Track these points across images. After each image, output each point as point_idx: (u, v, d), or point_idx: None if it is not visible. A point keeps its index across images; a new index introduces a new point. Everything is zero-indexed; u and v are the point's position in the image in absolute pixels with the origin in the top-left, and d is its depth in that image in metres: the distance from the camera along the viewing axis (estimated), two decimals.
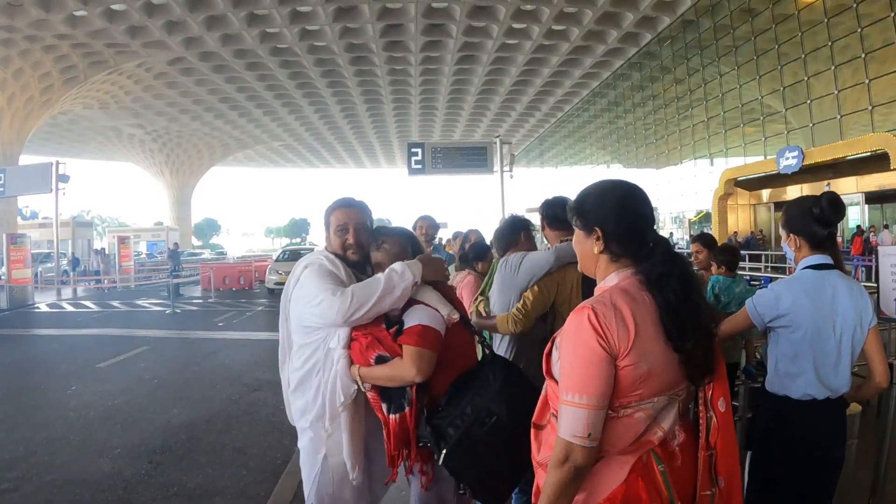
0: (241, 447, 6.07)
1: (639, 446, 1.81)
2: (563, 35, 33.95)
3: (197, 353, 11.69)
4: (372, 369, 2.64)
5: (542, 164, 65.54)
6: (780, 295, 2.67)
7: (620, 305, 1.77)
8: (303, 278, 2.81)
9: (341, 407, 2.74)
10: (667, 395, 1.83)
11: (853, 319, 2.61)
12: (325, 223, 3.03)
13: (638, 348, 1.74)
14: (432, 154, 19.25)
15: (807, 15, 25.26)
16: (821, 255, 2.70)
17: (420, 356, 2.54)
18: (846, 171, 23.58)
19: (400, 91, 44.67)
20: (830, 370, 2.61)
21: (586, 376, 1.72)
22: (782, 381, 2.69)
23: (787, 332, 2.65)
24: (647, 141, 41.32)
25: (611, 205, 1.93)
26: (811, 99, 25.66)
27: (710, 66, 32.52)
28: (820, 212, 2.65)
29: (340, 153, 72.46)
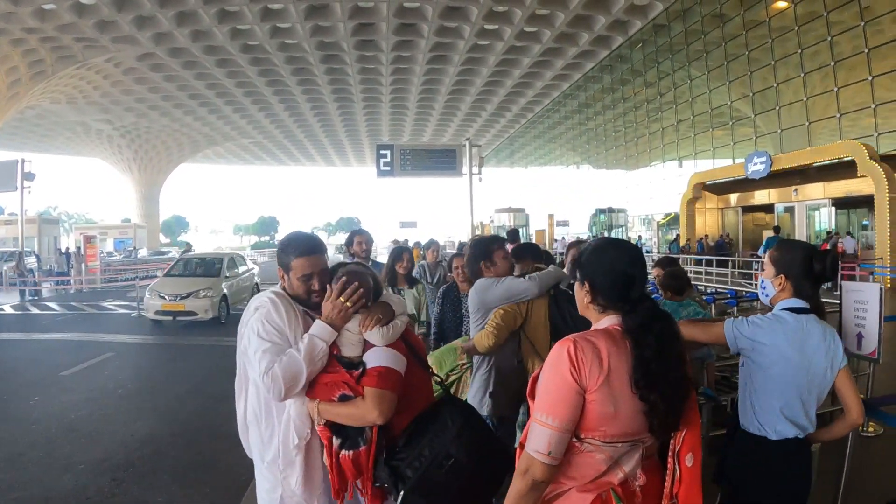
0: (205, 463, 5.93)
1: (598, 485, 1.95)
2: (534, 37, 33.83)
3: (162, 360, 11.41)
4: (332, 406, 2.59)
5: (511, 164, 65.67)
6: (762, 329, 2.63)
7: (600, 345, 1.94)
8: (249, 329, 2.69)
9: (295, 449, 2.68)
10: (629, 443, 1.96)
11: (824, 363, 2.62)
12: (282, 265, 2.86)
13: (607, 388, 1.90)
14: (401, 156, 19.00)
15: (778, 21, 25.34)
16: (801, 301, 2.68)
17: (382, 398, 2.48)
18: (814, 177, 23.67)
19: (371, 90, 44.32)
20: (802, 411, 2.63)
21: (557, 401, 1.91)
22: (758, 421, 2.67)
23: (760, 368, 2.64)
24: (616, 143, 41.46)
25: (601, 262, 2.11)
26: (780, 105, 25.77)
27: (680, 70, 32.62)
28: (821, 270, 2.65)
29: (310, 151, 71.97)
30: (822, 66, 23.28)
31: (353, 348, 2.64)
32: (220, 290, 15.44)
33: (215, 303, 14.95)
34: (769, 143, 26.42)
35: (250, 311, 2.74)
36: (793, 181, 24.52)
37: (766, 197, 27.27)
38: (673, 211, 33.59)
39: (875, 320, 4.29)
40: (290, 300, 2.78)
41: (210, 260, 17.69)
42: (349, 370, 2.60)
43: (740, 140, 29.00)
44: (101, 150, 58.48)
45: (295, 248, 2.83)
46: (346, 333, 2.65)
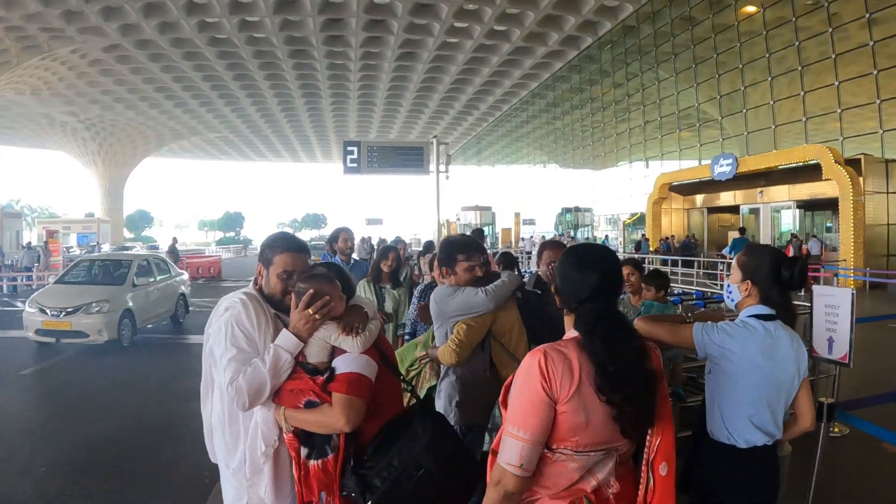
0: (169, 464, 5.82)
1: (571, 493, 1.95)
2: (504, 36, 33.75)
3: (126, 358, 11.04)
4: (299, 413, 2.52)
5: (478, 162, 65.71)
6: (732, 337, 2.58)
7: (571, 355, 1.94)
8: (216, 331, 2.61)
9: (263, 457, 2.61)
10: (603, 451, 1.96)
11: (792, 370, 2.61)
12: (264, 259, 2.79)
13: (578, 398, 1.89)
14: (368, 153, 18.61)
15: (746, 26, 25.61)
16: (767, 307, 2.64)
17: (350, 405, 2.42)
18: (779, 179, 23.88)
19: (339, 86, 43.91)
20: (771, 418, 2.60)
21: (527, 413, 1.91)
22: (727, 429, 2.62)
23: (729, 377, 2.58)
24: (584, 143, 41.62)
25: (560, 266, 2.17)
26: (747, 108, 26.05)
27: (648, 71, 32.81)
28: (789, 277, 2.62)
29: (277, 147, 71.26)
30: (789, 70, 23.56)
31: (318, 355, 2.57)
32: (121, 304, 11.81)
33: (113, 321, 11.36)
34: (735, 146, 26.68)
35: (219, 312, 2.66)
36: (758, 183, 24.73)
37: (731, 198, 27.48)
38: (639, 211, 33.73)
39: (846, 325, 4.30)
40: (262, 301, 2.71)
41: (116, 263, 13.87)
42: (313, 376, 2.52)
43: (707, 142, 29.25)
44: (65, 143, 57.13)
45: (282, 244, 2.78)
46: (313, 340, 2.57)
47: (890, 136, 20.26)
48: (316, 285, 2.59)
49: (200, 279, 26.61)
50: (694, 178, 27.48)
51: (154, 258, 14.94)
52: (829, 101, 21.98)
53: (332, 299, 2.58)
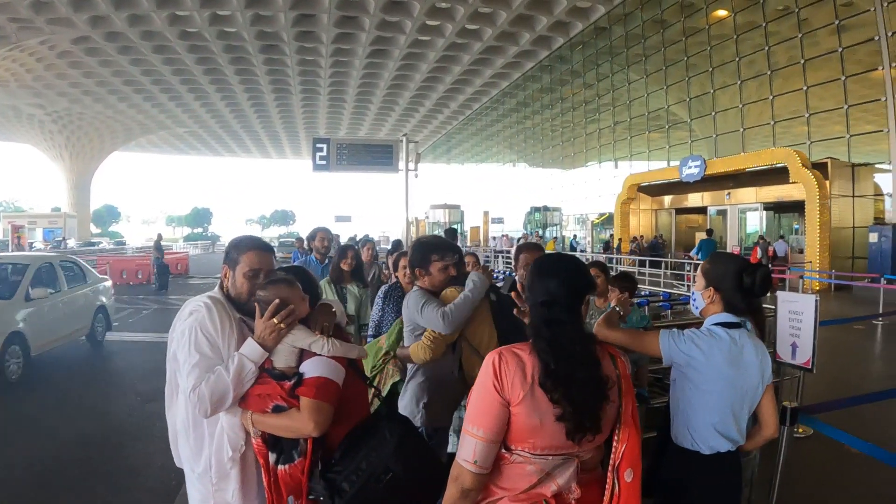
0: (135, 466, 5.69)
1: (531, 496, 1.99)
2: (476, 35, 33.64)
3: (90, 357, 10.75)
4: (266, 417, 2.51)
5: (448, 160, 65.61)
6: (699, 346, 2.59)
7: (526, 358, 2.02)
8: (180, 335, 2.59)
9: (230, 462, 2.59)
10: (561, 456, 2.01)
11: (756, 378, 2.63)
12: (230, 260, 2.78)
13: (531, 400, 1.97)
14: (338, 150, 18.57)
15: (717, 30, 25.77)
16: (731, 315, 2.68)
17: (319, 409, 2.41)
18: (746, 181, 24.05)
19: (309, 83, 43.51)
20: (734, 425, 2.62)
21: (482, 412, 1.99)
22: (691, 435, 2.64)
23: (694, 385, 2.61)
24: (553, 142, 41.69)
25: (527, 274, 2.29)
26: (716, 110, 26.21)
27: (619, 72, 32.91)
28: (751, 284, 2.65)
29: (246, 142, 70.42)
30: (759, 74, 23.74)
31: (286, 360, 2.54)
32: (8, 325, 8.67)
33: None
34: (704, 148, 26.84)
35: (183, 316, 2.63)
36: (726, 185, 24.90)
37: (699, 200, 27.64)
38: (607, 211, 33.80)
39: (809, 331, 4.35)
40: (227, 305, 2.69)
41: (10, 268, 10.02)
42: (280, 381, 2.50)
43: (676, 143, 29.38)
44: (31, 136, 55.88)
45: (248, 242, 2.79)
46: (281, 345, 2.55)
47: (856, 141, 20.46)
48: (278, 292, 2.57)
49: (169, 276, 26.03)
50: (662, 179, 27.59)
51: (63, 261, 11.38)
52: (798, 105, 22.20)
53: (294, 304, 2.56)
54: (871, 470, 5.11)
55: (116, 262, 25.77)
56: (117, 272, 23.94)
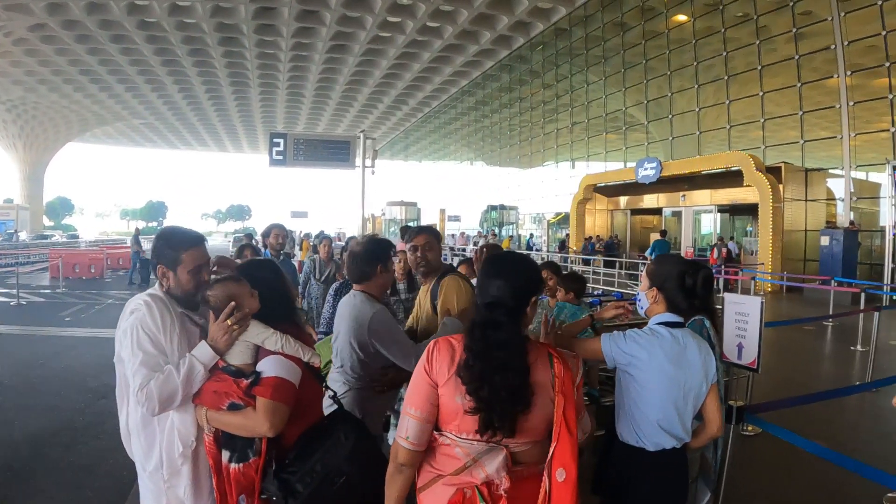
0: (87, 465, 5.50)
1: (460, 480, 2.08)
2: (436, 32, 33.41)
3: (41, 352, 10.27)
4: (222, 415, 2.49)
5: (406, 157, 65.28)
6: (640, 344, 2.65)
7: (457, 347, 2.14)
8: (124, 333, 2.55)
9: (181, 458, 2.58)
10: (486, 443, 2.09)
11: (700, 376, 2.67)
12: (168, 260, 2.69)
13: (454, 383, 2.08)
14: (294, 145, 18.36)
15: (676, 34, 25.95)
16: (674, 315, 2.75)
17: (275, 410, 2.41)
18: (701, 184, 24.27)
19: (268, 76, 42.73)
20: (679, 422, 2.65)
21: (415, 393, 2.13)
22: (636, 432, 2.69)
23: (637, 383, 2.66)
24: (511, 141, 41.70)
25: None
26: (673, 113, 26.43)
27: (578, 74, 32.95)
28: (692, 285, 2.75)
29: (203, 135, 69.05)
30: (716, 79, 23.99)
31: (242, 356, 2.53)
32: None
33: None
34: (660, 150, 27.04)
35: (125, 315, 2.59)
36: (681, 187, 25.11)
37: (654, 201, 27.85)
38: (564, 210, 33.90)
39: (755, 332, 4.41)
40: (168, 302, 2.64)
41: None
42: (237, 379, 2.49)
43: (632, 145, 29.58)
44: None
45: (182, 240, 2.72)
46: (239, 344, 2.54)
47: (810, 147, 20.78)
48: (226, 290, 2.54)
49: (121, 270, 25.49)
50: (619, 180, 27.71)
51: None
52: (753, 110, 22.49)
53: (244, 301, 2.53)
54: (815, 466, 5.19)
55: (69, 255, 24.94)
56: (69, 266, 23.20)
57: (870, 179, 20.20)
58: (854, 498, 4.85)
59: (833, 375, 9.41)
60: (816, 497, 4.95)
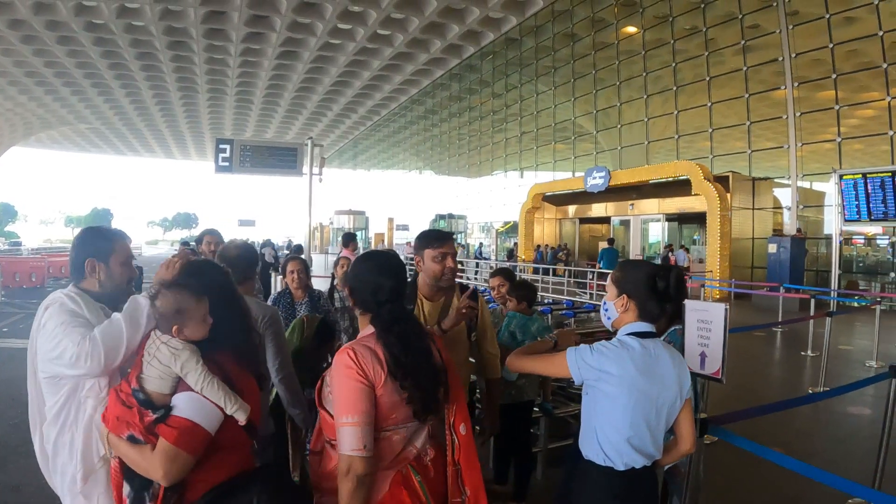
0: (16, 485, 5.16)
1: (397, 462, 2.20)
2: (387, 40, 32.77)
3: None
4: (121, 443, 2.13)
5: (354, 166, 64.43)
6: (608, 358, 2.46)
7: (376, 348, 2.20)
8: (44, 321, 2.38)
9: (100, 462, 2.35)
10: (418, 422, 2.23)
11: (674, 391, 2.53)
12: (102, 251, 2.58)
13: (391, 383, 2.16)
14: (241, 152, 17.85)
15: (626, 45, 25.95)
16: (647, 325, 2.55)
17: (174, 458, 2.03)
18: (650, 193, 24.37)
19: (216, 82, 41.42)
20: (650, 440, 2.50)
21: (354, 400, 2.10)
22: (604, 451, 2.51)
23: (607, 398, 2.48)
24: (460, 150, 41.39)
25: (354, 271, 2.39)
26: (622, 123, 26.44)
27: (528, 83, 32.82)
28: (665, 287, 2.55)
29: (149, 141, 66.65)
30: (665, 89, 24.05)
31: (158, 383, 2.14)
32: None
33: None
34: (608, 160, 26.98)
35: (40, 312, 2.43)
36: (630, 196, 25.15)
37: (603, 210, 27.86)
38: (512, 219, 33.77)
39: (719, 341, 4.04)
40: (87, 297, 2.49)
41: None
42: (144, 409, 2.10)
43: (581, 155, 29.50)
44: None
45: (113, 231, 2.70)
46: (154, 364, 2.15)
47: (757, 156, 20.94)
48: (179, 304, 2.22)
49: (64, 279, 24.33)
50: (567, 189, 27.61)
51: None
52: (701, 120, 22.57)
53: (191, 323, 2.22)
54: (774, 474, 5.22)
55: (10, 263, 23.70)
56: (10, 275, 22.00)
57: (814, 188, 20.38)
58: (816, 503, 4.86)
59: (787, 381, 9.43)
60: (782, 502, 4.95)
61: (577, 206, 29.82)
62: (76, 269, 2.55)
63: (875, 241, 19.14)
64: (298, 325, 3.67)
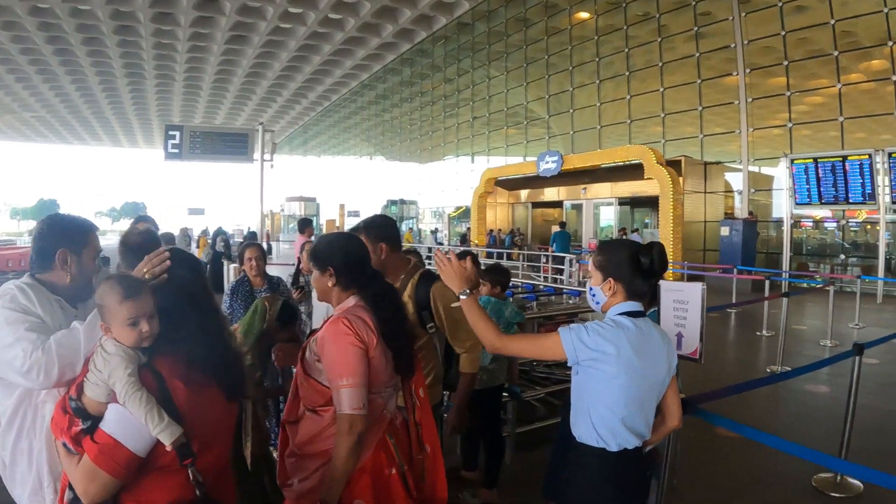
0: None
1: (380, 423, 2.40)
2: (338, 24, 32.11)
3: None
4: (60, 448, 1.89)
5: (304, 152, 63.42)
6: (605, 337, 2.41)
7: (363, 315, 2.41)
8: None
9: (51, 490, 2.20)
10: (391, 386, 2.48)
11: (664, 368, 2.52)
12: (78, 243, 2.47)
13: (381, 345, 2.37)
14: (191, 138, 17.49)
15: (578, 31, 25.89)
16: (637, 304, 2.53)
17: (93, 477, 1.76)
18: (602, 177, 24.35)
19: (165, 67, 40.05)
20: (643, 419, 2.50)
21: (353, 363, 2.27)
22: (598, 433, 2.46)
23: (604, 379, 2.42)
24: (412, 136, 40.99)
25: (344, 251, 2.56)
26: (574, 108, 26.47)
27: (480, 68, 32.57)
28: (649, 264, 2.49)
29: (97, 130, 64.40)
30: (617, 75, 24.09)
31: (94, 390, 1.85)
32: None
33: None
34: (560, 145, 26.94)
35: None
36: (582, 180, 25.13)
37: (555, 194, 27.84)
38: (464, 204, 33.63)
39: (696, 321, 4.22)
40: (44, 288, 2.36)
41: None
42: (75, 416, 1.85)
43: (533, 139, 29.47)
44: None
45: (86, 223, 2.59)
46: (91, 369, 1.87)
47: (708, 141, 21.17)
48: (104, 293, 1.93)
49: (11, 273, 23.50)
50: (520, 173, 27.42)
51: None
52: (653, 106, 22.69)
53: (113, 320, 1.91)
54: (742, 452, 5.44)
55: None
56: None
57: (762, 173, 20.66)
58: (785, 481, 4.96)
59: (746, 361, 9.56)
60: (751, 480, 5.01)
61: (529, 191, 29.75)
62: (44, 258, 2.39)
63: (823, 225, 19.53)
64: (260, 306, 3.37)
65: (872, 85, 17.40)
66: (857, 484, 4.82)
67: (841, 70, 17.35)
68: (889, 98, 16.50)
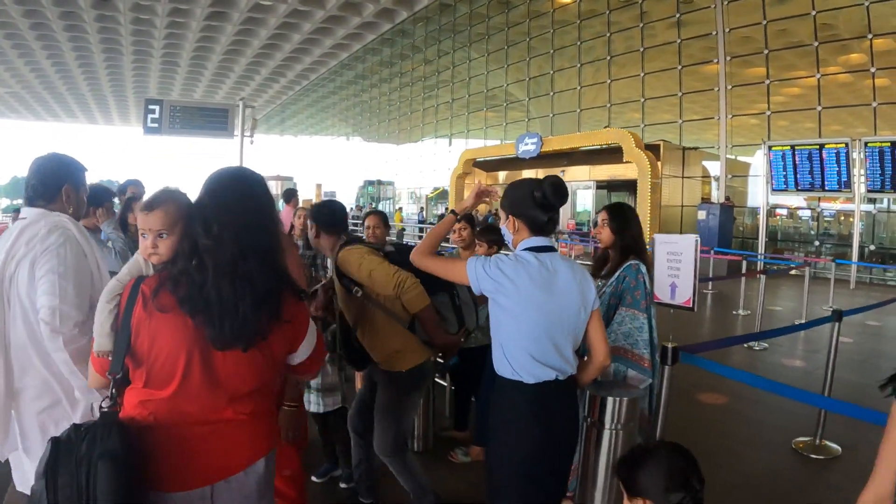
0: None
1: None
2: (319, 3, 31.48)
3: None
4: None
5: (282, 131, 62.59)
6: (504, 271, 2.44)
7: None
8: (54, 256, 2.23)
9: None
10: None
11: (576, 302, 2.51)
12: (78, 181, 2.60)
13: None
14: (170, 113, 17.17)
15: (560, 15, 25.68)
16: (540, 238, 2.57)
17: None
18: (581, 160, 24.33)
19: (142, 42, 38.87)
20: (556, 353, 2.47)
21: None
22: (511, 365, 2.49)
23: (507, 312, 2.47)
24: (390, 116, 40.60)
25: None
26: (554, 92, 26.34)
27: (460, 50, 32.17)
28: (542, 196, 2.52)
29: (72, 106, 62.59)
30: (598, 59, 23.98)
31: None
32: None
33: None
34: (539, 128, 26.79)
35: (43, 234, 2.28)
36: (560, 163, 24.99)
37: (533, 176, 27.65)
38: (442, 186, 33.53)
39: (690, 271, 4.24)
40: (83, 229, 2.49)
41: None
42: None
43: (512, 122, 29.30)
44: None
45: (82, 166, 2.72)
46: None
47: (687, 126, 21.21)
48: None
49: None
50: (499, 154, 27.28)
51: None
52: (633, 91, 22.65)
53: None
54: (722, 417, 5.81)
55: None
56: None
57: (739, 160, 20.75)
58: (767, 445, 5.12)
59: (716, 334, 9.68)
60: (733, 444, 5.15)
61: (507, 172, 29.59)
62: (49, 191, 2.43)
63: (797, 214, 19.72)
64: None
65: (850, 77, 17.48)
66: (836, 447, 4.99)
67: (820, 62, 17.40)
68: (866, 91, 16.60)
